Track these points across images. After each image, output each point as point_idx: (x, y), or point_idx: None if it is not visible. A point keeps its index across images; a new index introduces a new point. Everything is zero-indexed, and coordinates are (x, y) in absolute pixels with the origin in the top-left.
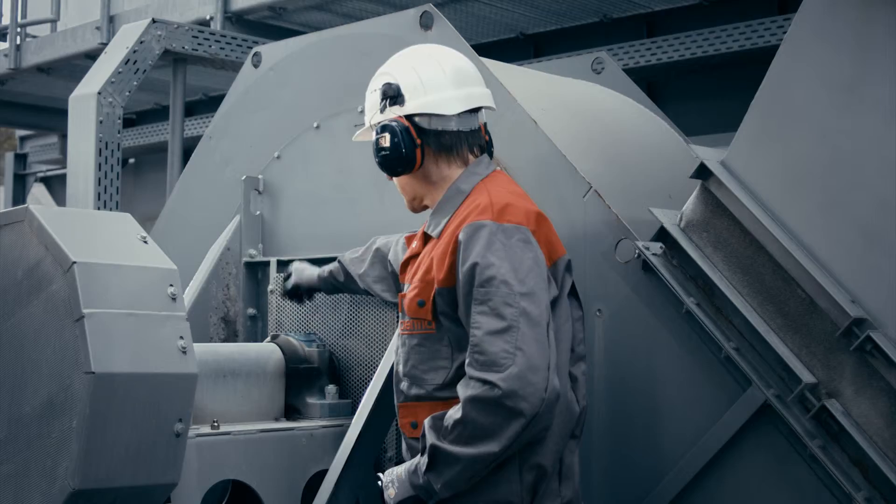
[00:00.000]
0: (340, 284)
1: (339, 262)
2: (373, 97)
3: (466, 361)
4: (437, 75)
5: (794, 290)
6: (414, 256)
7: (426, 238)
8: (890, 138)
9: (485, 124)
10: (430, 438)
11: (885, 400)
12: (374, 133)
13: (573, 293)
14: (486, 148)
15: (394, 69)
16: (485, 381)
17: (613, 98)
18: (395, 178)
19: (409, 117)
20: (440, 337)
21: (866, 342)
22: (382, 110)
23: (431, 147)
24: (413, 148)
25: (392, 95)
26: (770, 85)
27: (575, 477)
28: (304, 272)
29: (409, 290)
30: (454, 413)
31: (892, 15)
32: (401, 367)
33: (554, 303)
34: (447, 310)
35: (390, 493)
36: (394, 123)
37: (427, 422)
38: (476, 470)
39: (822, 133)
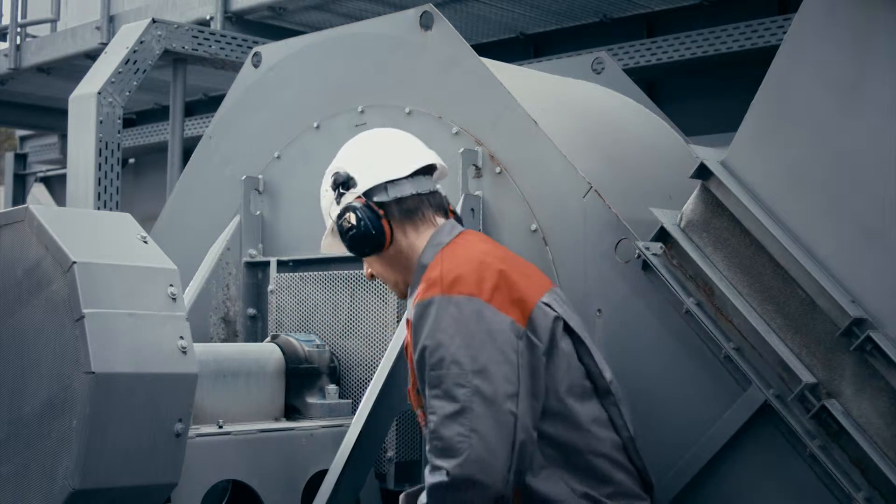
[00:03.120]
0: None
1: None
2: (325, 201)
3: (427, 448)
4: (378, 149)
5: (794, 290)
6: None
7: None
8: (890, 138)
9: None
10: None
11: (885, 400)
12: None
13: (572, 331)
14: (458, 215)
15: (336, 164)
16: (443, 469)
17: (613, 98)
18: (373, 267)
19: (366, 195)
20: None
21: (866, 342)
22: (339, 201)
23: (396, 216)
24: (378, 219)
25: (343, 182)
26: (770, 85)
27: None
28: None
29: (410, 383)
30: (422, 499)
31: (892, 15)
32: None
33: (549, 354)
34: None
35: None
36: (353, 203)
37: (402, 500)
38: None
39: (822, 133)
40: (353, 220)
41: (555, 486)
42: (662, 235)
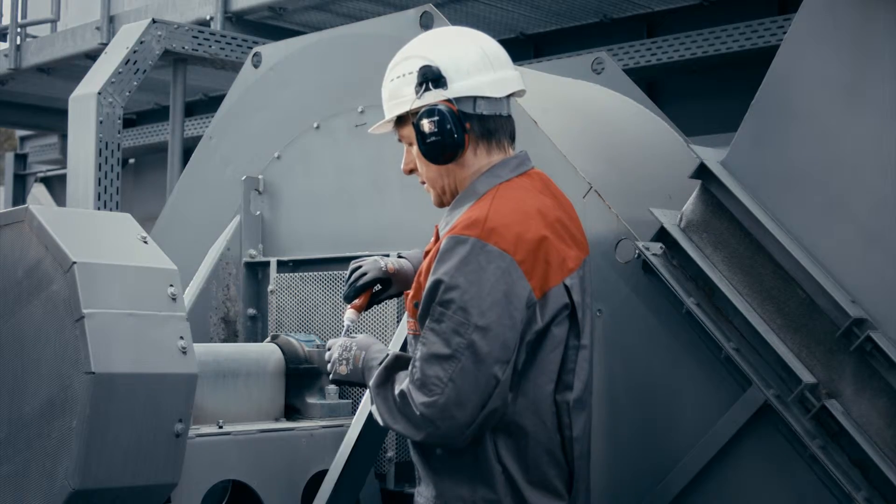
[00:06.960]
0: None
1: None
2: (397, 84)
3: (410, 366)
4: (476, 56)
5: (794, 290)
6: (429, 252)
7: (438, 235)
8: (890, 138)
9: None
10: (398, 385)
11: (885, 400)
12: (391, 124)
13: (574, 322)
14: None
15: (426, 52)
16: (412, 397)
17: (613, 98)
18: (422, 171)
19: (453, 101)
20: None
21: (866, 342)
22: (420, 95)
23: (475, 133)
24: (463, 132)
25: (433, 78)
26: (770, 85)
27: None
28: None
29: (412, 289)
30: (400, 387)
31: (892, 15)
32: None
33: (540, 333)
34: None
35: (341, 369)
36: (441, 107)
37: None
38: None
39: (822, 133)
40: (440, 126)
41: (484, 452)
42: (662, 235)
